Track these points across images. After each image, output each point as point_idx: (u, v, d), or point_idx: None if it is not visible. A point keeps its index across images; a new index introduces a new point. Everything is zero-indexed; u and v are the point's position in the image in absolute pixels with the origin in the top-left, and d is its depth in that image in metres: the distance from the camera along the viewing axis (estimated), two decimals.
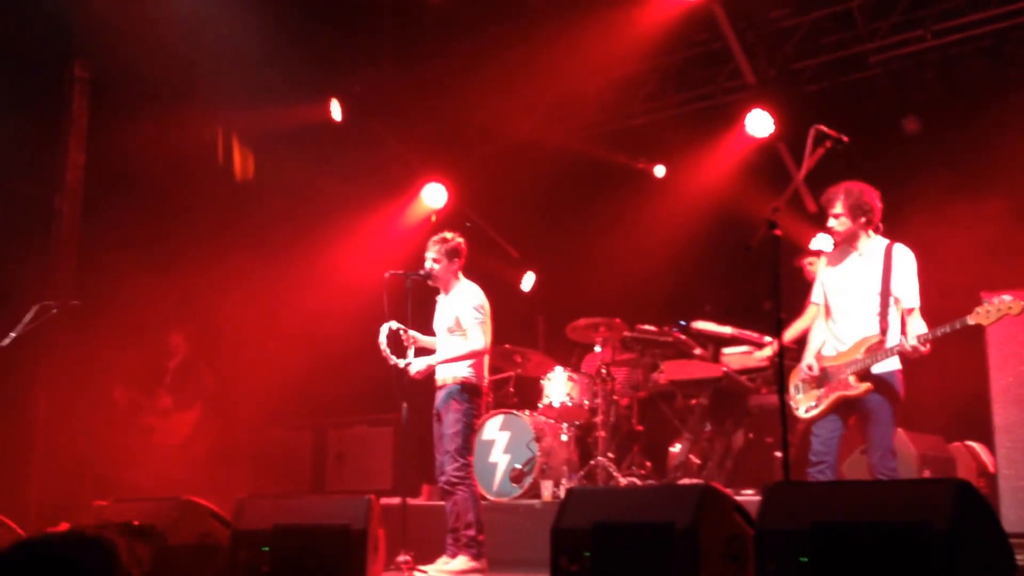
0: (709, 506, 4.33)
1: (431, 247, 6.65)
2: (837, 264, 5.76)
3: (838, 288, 5.72)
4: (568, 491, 4.81)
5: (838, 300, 5.71)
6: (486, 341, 6.45)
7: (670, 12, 9.17)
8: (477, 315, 6.44)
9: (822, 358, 5.68)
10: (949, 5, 8.52)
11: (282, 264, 10.23)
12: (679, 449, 8.43)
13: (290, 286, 10.29)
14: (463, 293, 6.56)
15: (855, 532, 3.74)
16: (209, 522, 5.72)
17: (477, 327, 6.42)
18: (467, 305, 6.49)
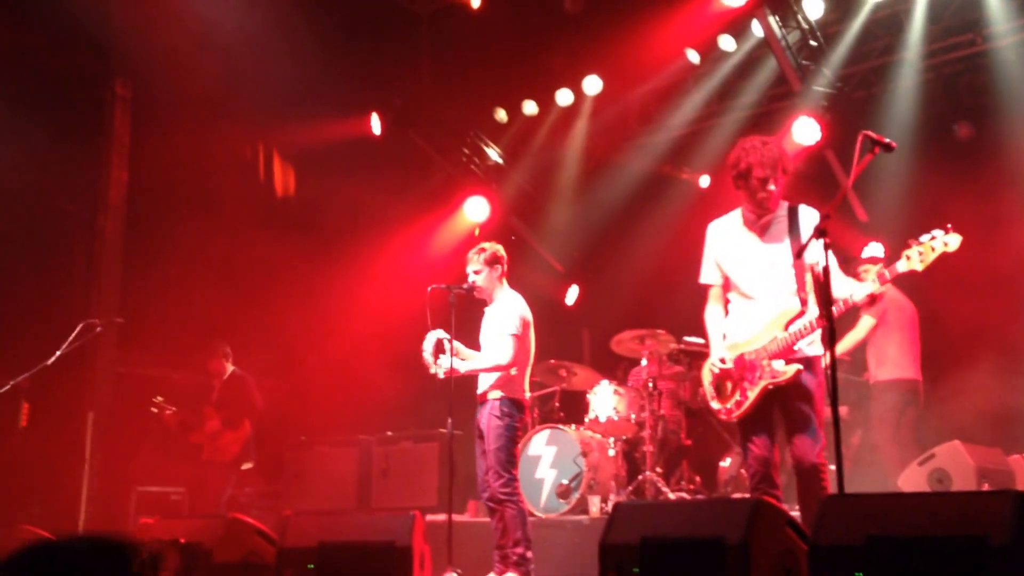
0: (761, 521, 4.22)
1: (471, 259, 6.59)
2: (736, 237, 5.27)
3: (740, 263, 5.22)
4: (616, 505, 4.71)
5: (743, 275, 5.21)
6: (510, 356, 6.29)
7: (714, 20, 9.09)
8: (512, 327, 6.34)
9: (734, 346, 5.18)
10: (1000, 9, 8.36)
11: (326, 280, 10.27)
12: (729, 463, 8.29)
13: (335, 301, 10.32)
14: (504, 302, 6.49)
15: (911, 547, 3.62)
16: (255, 540, 5.70)
17: (507, 339, 6.32)
18: (504, 315, 6.41)
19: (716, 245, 5.35)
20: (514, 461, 6.38)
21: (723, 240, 5.32)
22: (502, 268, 6.56)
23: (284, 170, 11.31)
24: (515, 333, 6.32)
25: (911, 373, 7.83)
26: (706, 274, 5.39)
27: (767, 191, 5.12)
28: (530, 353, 6.54)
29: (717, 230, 5.39)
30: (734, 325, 5.23)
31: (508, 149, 11.24)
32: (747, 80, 9.91)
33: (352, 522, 5.93)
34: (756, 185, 5.12)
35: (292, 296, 10.11)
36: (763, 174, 5.11)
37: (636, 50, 9.50)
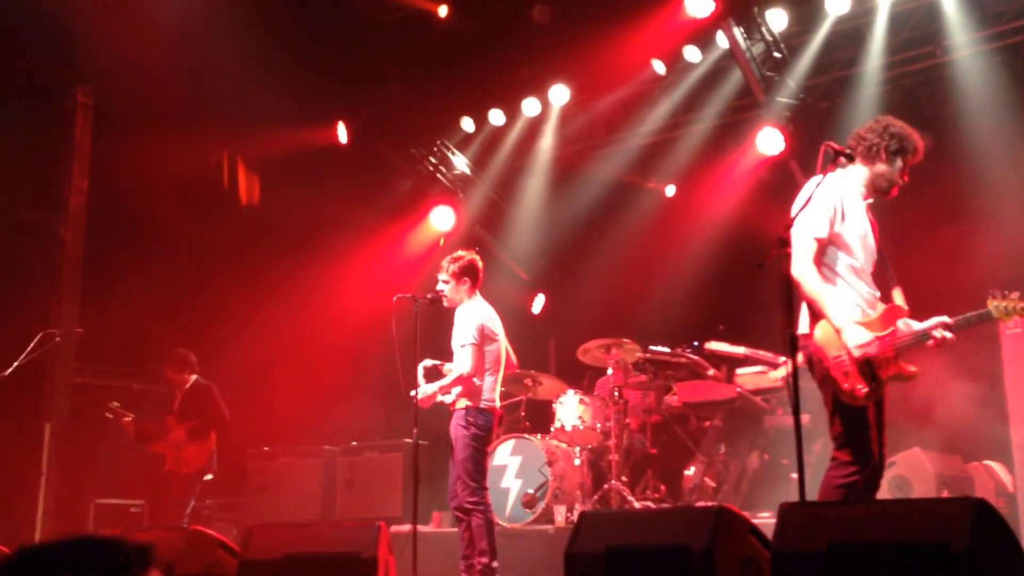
0: (724, 529, 4.23)
1: (443, 267, 6.58)
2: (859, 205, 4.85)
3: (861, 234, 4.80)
4: (581, 515, 4.71)
5: (860, 248, 4.80)
6: (469, 366, 6.27)
7: (679, 32, 9.15)
8: (468, 337, 6.32)
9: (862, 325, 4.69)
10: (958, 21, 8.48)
11: (291, 289, 10.20)
12: (694, 472, 8.32)
13: (300, 310, 10.26)
14: (463, 313, 6.48)
15: (872, 553, 3.64)
16: (217, 552, 5.62)
17: (466, 349, 6.31)
18: (462, 325, 6.40)
19: (841, 201, 4.76)
20: (483, 471, 6.37)
21: (849, 199, 4.80)
22: (471, 280, 6.55)
23: (249, 178, 11.24)
24: (472, 343, 6.30)
25: None
26: (823, 227, 4.70)
27: (905, 179, 4.87)
28: (499, 362, 6.51)
29: (837, 182, 4.79)
30: (842, 297, 4.73)
31: (475, 158, 11.24)
32: (712, 91, 9.97)
33: (316, 533, 5.87)
34: (902, 171, 4.82)
35: (256, 305, 10.03)
36: (912, 163, 4.83)
37: (603, 60, 9.54)
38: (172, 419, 8.66)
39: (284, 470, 9.67)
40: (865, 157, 4.79)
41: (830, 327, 4.66)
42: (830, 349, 4.69)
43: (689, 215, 10.04)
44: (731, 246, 9.47)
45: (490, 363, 6.43)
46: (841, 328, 4.62)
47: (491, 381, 6.45)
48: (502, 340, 6.58)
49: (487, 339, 6.41)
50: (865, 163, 4.80)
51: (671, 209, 10.46)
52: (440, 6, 9.97)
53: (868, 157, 4.79)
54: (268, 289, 10.09)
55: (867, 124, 4.87)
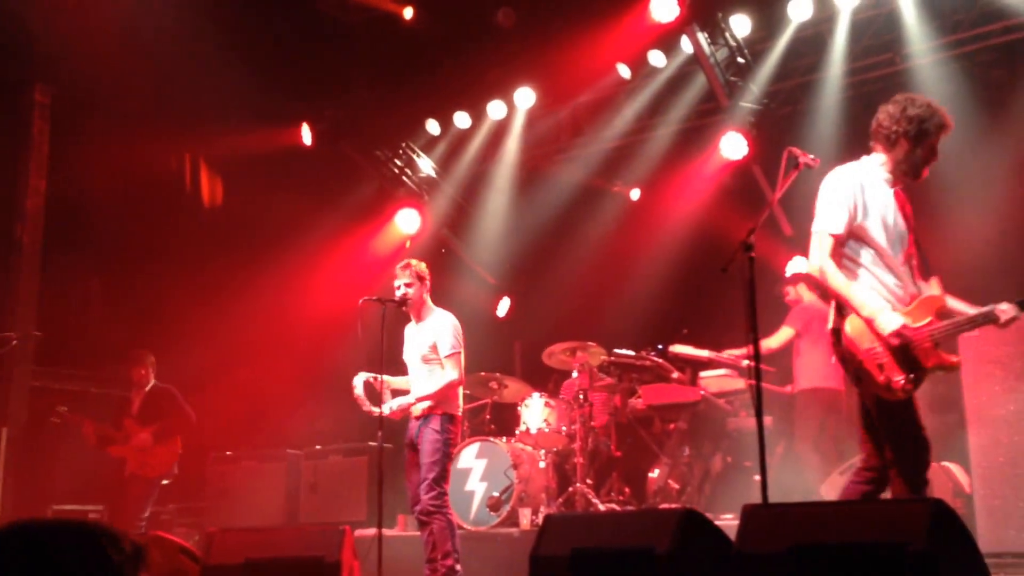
0: (689, 530, 4.26)
1: (401, 273, 6.59)
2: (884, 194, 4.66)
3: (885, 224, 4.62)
4: (546, 518, 4.71)
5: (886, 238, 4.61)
6: (459, 372, 6.35)
7: (644, 36, 9.20)
8: (455, 345, 6.37)
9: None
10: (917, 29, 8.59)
11: (255, 291, 10.13)
12: (658, 474, 8.36)
13: (264, 313, 10.20)
14: (439, 320, 6.49)
15: (833, 554, 3.69)
16: (178, 558, 5.57)
17: (453, 359, 6.35)
18: (446, 333, 6.41)
19: (858, 192, 4.61)
20: (447, 475, 6.38)
21: (865, 189, 4.62)
22: (429, 284, 6.61)
23: (212, 180, 11.15)
24: (460, 350, 6.39)
25: (833, 383, 7.99)
26: (839, 222, 4.57)
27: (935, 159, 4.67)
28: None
29: (856, 175, 4.66)
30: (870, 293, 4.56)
31: (440, 161, 11.23)
32: (677, 95, 10.03)
33: (280, 538, 5.83)
34: (927, 153, 4.62)
35: (219, 308, 9.95)
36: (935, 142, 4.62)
37: (568, 64, 9.57)
38: (132, 422, 8.49)
39: (247, 474, 9.60)
40: (885, 144, 4.64)
41: (859, 320, 4.50)
42: (862, 342, 4.52)
43: (654, 219, 10.10)
44: (695, 249, 9.54)
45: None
46: (872, 316, 4.44)
47: (462, 388, 6.51)
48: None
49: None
50: (887, 150, 4.64)
51: (636, 213, 10.52)
52: (405, 8, 9.96)
53: (888, 144, 4.63)
54: (232, 291, 10.02)
55: (886, 107, 4.68)
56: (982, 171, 8.22)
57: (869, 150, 4.77)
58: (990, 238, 7.96)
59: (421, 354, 6.45)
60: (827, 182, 4.64)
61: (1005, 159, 8.00)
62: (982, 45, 8.51)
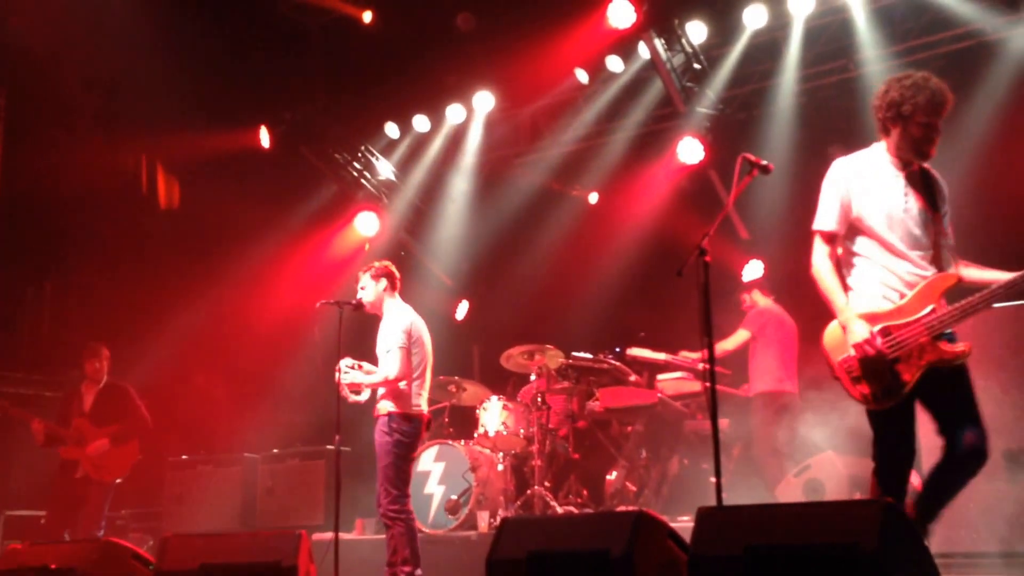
0: (643, 533, 4.29)
1: (359, 277, 6.62)
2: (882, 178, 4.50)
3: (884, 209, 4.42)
4: (502, 521, 4.73)
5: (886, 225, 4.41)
6: (397, 370, 6.28)
7: (602, 41, 9.26)
8: (397, 341, 6.33)
9: (872, 317, 4.34)
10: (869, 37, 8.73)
11: (212, 295, 10.07)
12: (615, 477, 8.41)
13: (221, 316, 10.13)
14: (388, 318, 6.50)
15: (786, 555, 3.74)
16: (131, 564, 5.52)
17: (394, 353, 6.32)
18: (388, 331, 6.41)
19: (853, 183, 4.48)
20: (405, 478, 6.35)
21: (863, 178, 4.50)
22: (388, 282, 6.58)
23: (168, 183, 11.05)
24: (400, 346, 6.31)
25: (788, 386, 8.09)
26: (829, 218, 4.49)
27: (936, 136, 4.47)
28: (424, 367, 6.51)
29: (852, 165, 4.55)
30: (867, 287, 4.44)
31: (399, 164, 11.21)
32: (634, 100, 10.11)
33: (235, 542, 5.79)
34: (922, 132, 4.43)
35: (175, 311, 9.87)
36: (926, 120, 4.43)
37: (527, 68, 9.61)
38: (84, 421, 8.21)
39: (203, 479, 9.52)
40: (881, 128, 4.54)
41: (838, 327, 4.41)
42: (836, 353, 4.43)
43: (612, 222, 10.16)
44: (652, 253, 9.60)
45: (416, 367, 6.43)
46: (845, 323, 4.34)
47: (416, 386, 6.43)
48: (428, 345, 6.59)
49: (414, 343, 6.41)
50: (883, 135, 4.54)
51: (594, 216, 10.57)
52: (364, 12, 9.94)
53: (882, 129, 4.54)
54: (188, 294, 9.95)
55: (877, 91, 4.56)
56: None
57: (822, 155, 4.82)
58: None
59: (379, 352, 6.45)
60: (826, 177, 4.55)
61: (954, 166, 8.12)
62: (932, 53, 8.66)
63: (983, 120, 7.78)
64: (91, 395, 8.37)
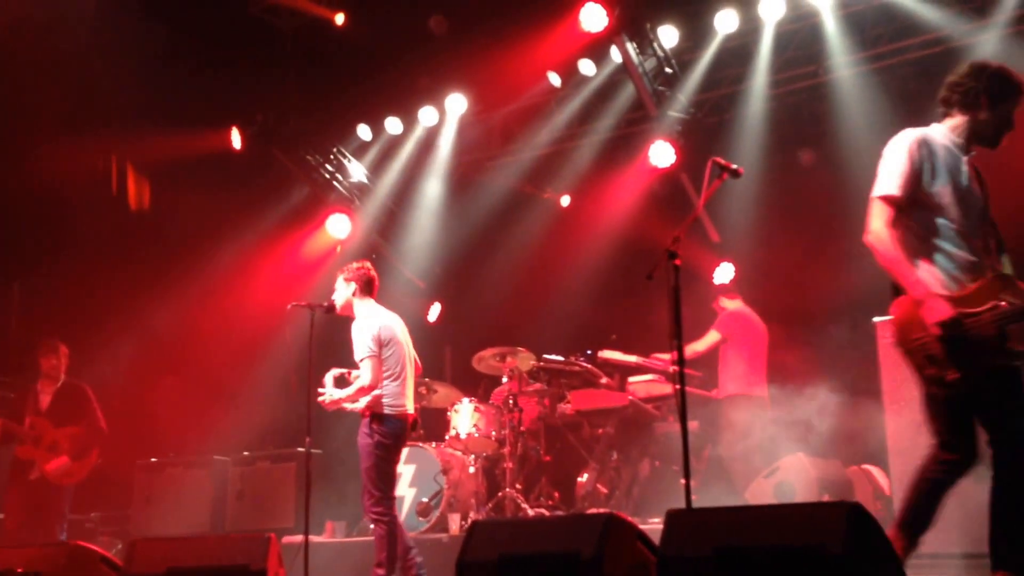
0: (613, 535, 4.31)
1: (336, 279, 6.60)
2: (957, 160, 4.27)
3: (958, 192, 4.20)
4: (473, 524, 4.74)
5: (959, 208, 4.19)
6: (370, 378, 6.23)
7: (575, 45, 9.28)
8: (366, 350, 6.29)
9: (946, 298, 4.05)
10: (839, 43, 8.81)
11: (183, 296, 10.00)
12: (586, 479, 8.43)
13: (190, 319, 10.07)
14: (357, 325, 6.44)
15: (755, 556, 3.77)
16: (99, 568, 5.47)
17: (366, 363, 6.28)
18: (358, 339, 6.36)
19: (926, 155, 4.22)
20: (388, 480, 6.30)
21: (935, 154, 4.23)
22: (359, 285, 6.52)
23: (139, 183, 10.97)
24: (370, 355, 6.27)
25: (758, 389, 8.15)
26: (898, 184, 4.18)
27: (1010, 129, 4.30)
28: (401, 365, 6.44)
29: (924, 137, 4.27)
30: (927, 269, 4.16)
31: (372, 166, 11.19)
32: (606, 104, 10.15)
33: (203, 546, 5.75)
34: (1004, 117, 4.26)
35: (145, 313, 9.80)
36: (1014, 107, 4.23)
37: (500, 71, 9.62)
38: (42, 421, 8.02)
39: (172, 481, 9.46)
40: (962, 105, 4.26)
41: (909, 303, 4.11)
42: (911, 330, 4.12)
43: (583, 225, 10.19)
44: (624, 256, 9.64)
45: (392, 368, 6.37)
46: (921, 299, 4.04)
47: (395, 386, 6.37)
48: (404, 343, 6.56)
49: (384, 346, 6.37)
50: (964, 112, 4.27)
51: (566, 219, 10.60)
52: (337, 14, 9.91)
53: (966, 104, 4.26)
54: (159, 296, 9.88)
55: (958, 70, 4.33)
56: None
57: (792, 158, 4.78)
58: None
59: (355, 357, 6.43)
60: (889, 145, 4.28)
61: None
62: (901, 59, 8.76)
63: None
64: (48, 393, 8.21)
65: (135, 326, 9.68)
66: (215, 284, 10.09)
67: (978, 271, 4.15)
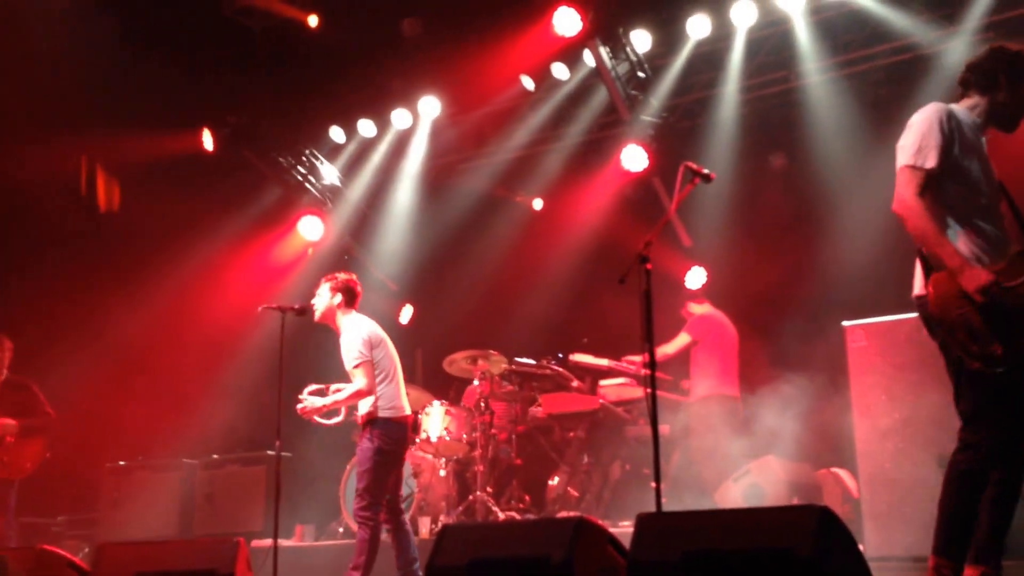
0: (583, 539, 4.31)
1: (320, 283, 6.62)
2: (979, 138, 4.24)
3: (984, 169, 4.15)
4: (443, 528, 4.73)
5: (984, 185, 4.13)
6: (364, 383, 6.26)
7: (548, 49, 9.29)
8: (360, 354, 6.31)
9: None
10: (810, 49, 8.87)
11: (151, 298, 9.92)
12: (557, 482, 8.44)
13: (160, 321, 9.99)
14: (345, 333, 6.46)
15: (724, 560, 3.78)
16: (66, 572, 5.41)
17: (359, 369, 6.30)
18: (348, 346, 6.38)
19: (957, 129, 4.12)
20: (381, 486, 6.32)
21: (963, 129, 4.16)
22: (344, 297, 6.54)
23: (108, 185, 10.87)
24: (362, 360, 6.29)
25: (729, 391, 8.18)
26: (933, 155, 4.05)
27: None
28: (392, 367, 6.49)
29: (954, 112, 4.18)
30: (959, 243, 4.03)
31: (344, 168, 11.15)
32: (579, 107, 10.15)
33: (171, 550, 5.71)
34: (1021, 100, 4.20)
35: (115, 315, 9.72)
36: None
37: (473, 74, 9.61)
38: None
39: (140, 485, 9.37)
40: (981, 86, 4.23)
41: (946, 277, 3.93)
42: (950, 305, 3.92)
43: (556, 229, 10.20)
44: (596, 259, 9.66)
45: (384, 369, 6.40)
46: (958, 269, 3.89)
47: (390, 389, 6.41)
48: (391, 347, 6.58)
49: (375, 347, 6.39)
50: (982, 94, 4.23)
51: (538, 223, 10.61)
52: (310, 16, 9.87)
53: (984, 86, 4.22)
54: (129, 298, 9.80)
55: (978, 52, 4.30)
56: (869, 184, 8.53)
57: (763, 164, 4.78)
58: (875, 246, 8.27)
59: (346, 368, 6.43)
60: (916, 116, 4.17)
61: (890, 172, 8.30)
62: (871, 65, 8.84)
63: None
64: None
65: (104, 328, 9.59)
66: (186, 286, 10.02)
67: (1004, 247, 4.04)
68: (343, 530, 8.51)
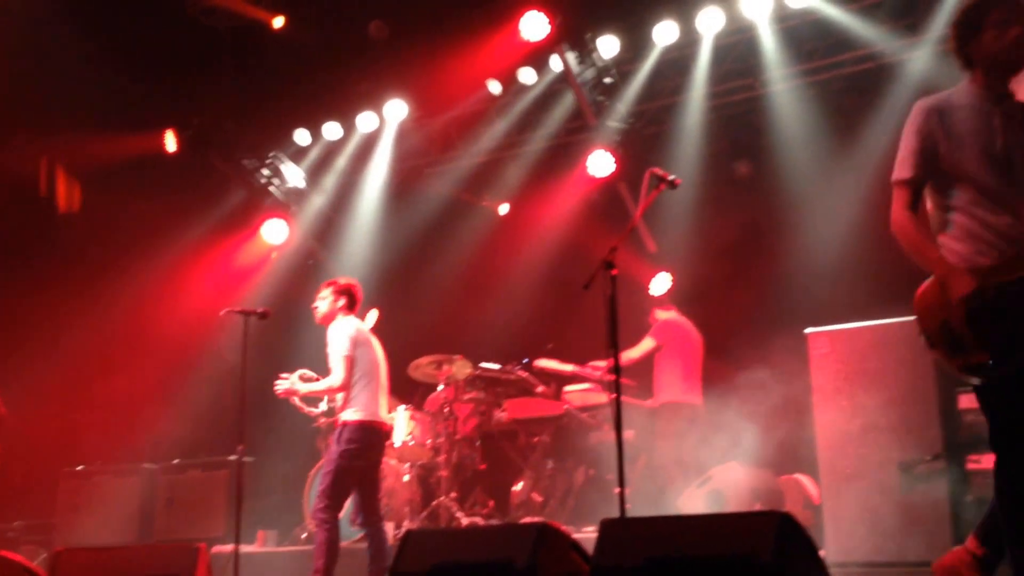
0: (546, 544, 4.31)
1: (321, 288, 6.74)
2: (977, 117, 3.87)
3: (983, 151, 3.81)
4: (406, 533, 4.70)
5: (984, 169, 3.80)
6: (342, 378, 6.33)
7: (515, 53, 9.30)
8: (342, 350, 6.36)
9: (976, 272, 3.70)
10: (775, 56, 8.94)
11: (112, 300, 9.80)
12: (521, 487, 8.43)
13: (121, 323, 9.88)
14: (334, 329, 6.53)
15: (686, 567, 3.80)
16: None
17: (339, 362, 6.35)
18: (331, 340, 6.46)
19: (940, 123, 3.86)
20: (342, 490, 6.36)
21: (952, 117, 3.87)
22: (347, 301, 6.64)
23: (69, 186, 10.73)
24: (345, 355, 6.31)
25: (693, 397, 8.20)
26: (907, 165, 3.88)
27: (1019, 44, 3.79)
28: (374, 371, 6.52)
29: (936, 104, 3.92)
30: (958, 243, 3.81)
31: (309, 171, 11.08)
32: (546, 112, 10.16)
33: (130, 556, 5.64)
34: (1001, 33, 3.80)
35: (74, 318, 9.59)
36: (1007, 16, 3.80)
37: (440, 78, 9.59)
38: None
39: (99, 489, 9.25)
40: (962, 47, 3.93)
41: (934, 287, 3.77)
42: (931, 315, 3.74)
43: (522, 234, 10.20)
44: (562, 265, 9.67)
45: (365, 372, 6.41)
46: (943, 278, 3.71)
47: (366, 394, 6.44)
48: (377, 353, 6.58)
49: (357, 345, 6.44)
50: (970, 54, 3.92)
51: (504, 227, 10.61)
52: (275, 17, 9.81)
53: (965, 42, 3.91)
54: (89, 301, 9.68)
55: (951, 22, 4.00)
56: (833, 191, 8.62)
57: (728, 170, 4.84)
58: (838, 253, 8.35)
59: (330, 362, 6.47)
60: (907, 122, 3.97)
61: (853, 180, 8.39)
62: (835, 73, 8.92)
63: (883, 139, 8.01)
64: None
65: (64, 330, 9.47)
66: (148, 288, 9.92)
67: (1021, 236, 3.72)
68: (306, 536, 8.44)
